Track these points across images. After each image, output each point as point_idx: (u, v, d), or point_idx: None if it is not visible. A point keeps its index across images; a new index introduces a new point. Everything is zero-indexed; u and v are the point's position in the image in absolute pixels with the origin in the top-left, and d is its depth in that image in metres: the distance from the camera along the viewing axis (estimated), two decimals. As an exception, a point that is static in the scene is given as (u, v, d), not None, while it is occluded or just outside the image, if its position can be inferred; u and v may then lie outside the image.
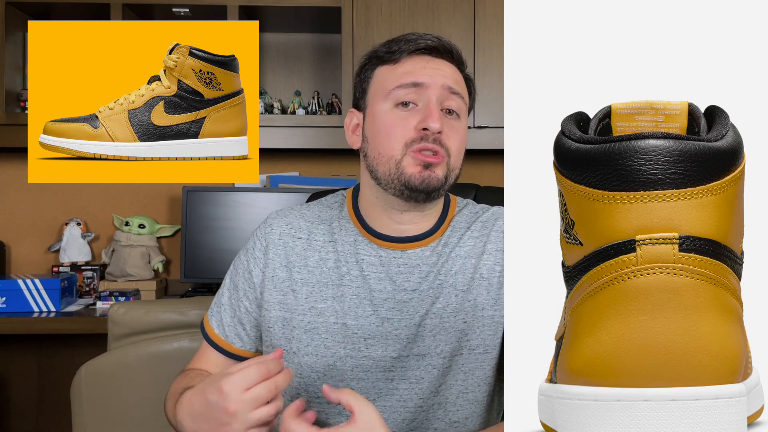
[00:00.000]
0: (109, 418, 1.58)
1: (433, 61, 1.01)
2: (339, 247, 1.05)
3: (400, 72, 1.00)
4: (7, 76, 2.26)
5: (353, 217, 1.06)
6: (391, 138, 0.98)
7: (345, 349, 1.01)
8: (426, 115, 0.97)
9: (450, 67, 1.02)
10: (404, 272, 1.02)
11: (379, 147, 1.00)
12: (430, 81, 0.99)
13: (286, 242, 1.07)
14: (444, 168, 0.98)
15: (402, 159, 0.97)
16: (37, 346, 2.46)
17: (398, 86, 0.99)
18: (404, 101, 0.99)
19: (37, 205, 2.52)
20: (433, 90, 0.99)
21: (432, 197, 1.00)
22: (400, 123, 0.98)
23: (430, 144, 0.97)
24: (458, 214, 1.08)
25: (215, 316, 1.11)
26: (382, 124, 1.00)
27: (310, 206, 1.12)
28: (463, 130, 1.02)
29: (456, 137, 0.99)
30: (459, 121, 1.01)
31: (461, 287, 1.02)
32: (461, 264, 1.03)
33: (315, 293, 1.03)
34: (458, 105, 1.01)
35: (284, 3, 2.28)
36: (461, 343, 1.01)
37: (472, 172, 2.47)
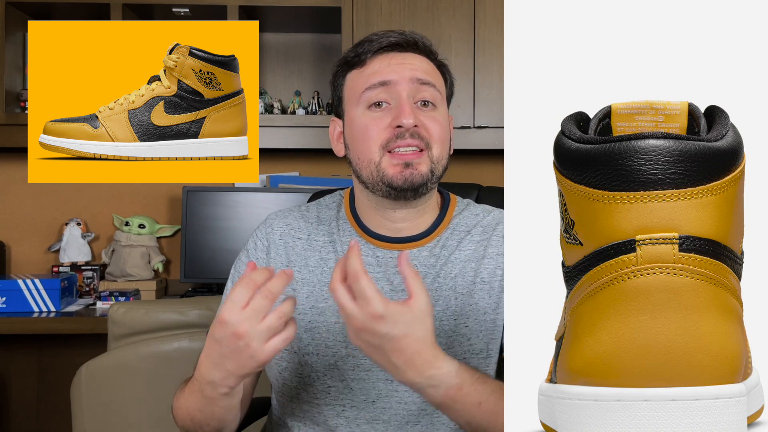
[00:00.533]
0: (109, 418, 1.58)
1: (399, 56, 1.01)
2: (338, 247, 1.05)
3: (367, 73, 1.00)
4: (7, 76, 2.26)
5: (350, 218, 1.06)
6: (368, 141, 0.98)
7: (346, 348, 1.00)
8: (398, 112, 0.97)
9: (418, 58, 1.02)
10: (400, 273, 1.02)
11: (358, 152, 1.00)
12: (398, 77, 0.98)
13: (286, 242, 1.06)
14: (426, 162, 0.97)
15: (381, 161, 0.97)
16: (37, 346, 2.46)
17: (367, 88, 0.99)
18: (376, 102, 0.99)
19: (37, 205, 2.51)
20: (402, 85, 0.98)
21: (420, 193, 0.99)
22: (374, 124, 0.98)
23: (407, 140, 0.96)
24: (458, 216, 1.07)
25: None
26: (358, 128, 1.00)
27: (309, 207, 1.12)
28: (442, 118, 1.01)
29: (435, 127, 0.99)
30: (436, 110, 1.00)
31: (461, 290, 1.01)
32: (461, 268, 1.02)
33: (316, 293, 1.03)
34: (432, 95, 1.00)
35: (284, 3, 2.28)
36: (463, 347, 1.00)
37: (473, 172, 2.47)
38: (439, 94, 1.02)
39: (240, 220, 2.29)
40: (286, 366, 1.03)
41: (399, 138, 0.96)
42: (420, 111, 0.99)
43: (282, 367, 1.04)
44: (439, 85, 1.02)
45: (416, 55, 1.02)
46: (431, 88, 1.00)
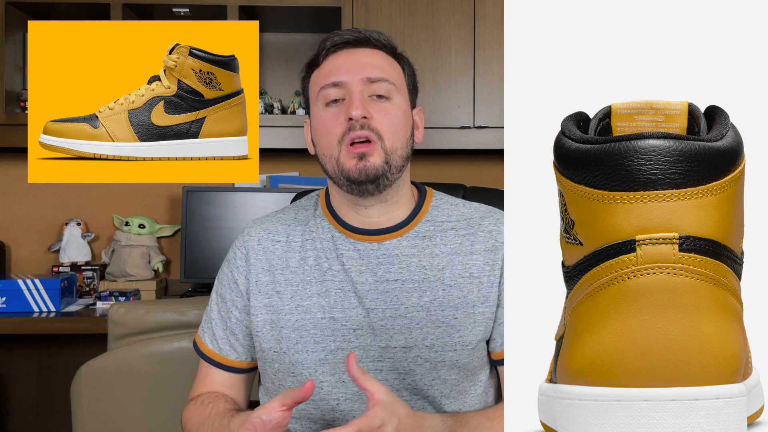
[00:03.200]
0: (109, 418, 1.58)
1: (350, 52, 1.04)
2: (318, 244, 1.06)
3: (323, 73, 1.05)
4: (7, 76, 2.26)
5: (328, 215, 1.08)
6: (328, 137, 1.02)
7: (335, 342, 1.01)
8: (348, 106, 1.00)
9: (372, 54, 1.04)
10: (384, 263, 1.03)
11: (322, 148, 1.04)
12: (349, 78, 1.01)
13: (265, 247, 1.08)
14: (380, 153, 1.00)
15: (339, 155, 1.00)
16: (37, 346, 2.46)
17: (322, 87, 1.03)
18: (333, 99, 1.02)
19: (37, 205, 2.51)
20: (354, 85, 1.01)
21: (381, 184, 1.01)
22: (332, 120, 1.02)
23: (358, 131, 0.99)
24: (436, 208, 1.09)
25: (207, 332, 1.12)
26: (318, 125, 1.04)
27: (286, 210, 1.14)
28: (395, 109, 1.02)
29: (386, 119, 1.01)
30: (390, 102, 1.02)
31: (449, 282, 1.03)
32: (448, 261, 1.04)
33: (300, 292, 1.04)
34: (386, 89, 1.02)
35: (284, 3, 2.28)
36: (454, 338, 1.01)
37: (473, 172, 2.47)
38: (394, 87, 1.03)
39: (240, 220, 2.29)
40: (279, 368, 1.04)
41: (351, 130, 0.99)
42: (372, 103, 1.01)
43: (275, 369, 1.05)
44: (394, 77, 1.04)
45: (369, 50, 1.05)
46: (384, 83, 1.02)
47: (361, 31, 1.05)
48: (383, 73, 1.03)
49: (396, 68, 1.06)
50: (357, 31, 1.05)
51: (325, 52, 1.06)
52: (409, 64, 1.09)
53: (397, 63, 1.07)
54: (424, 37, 2.25)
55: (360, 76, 1.01)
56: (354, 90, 1.01)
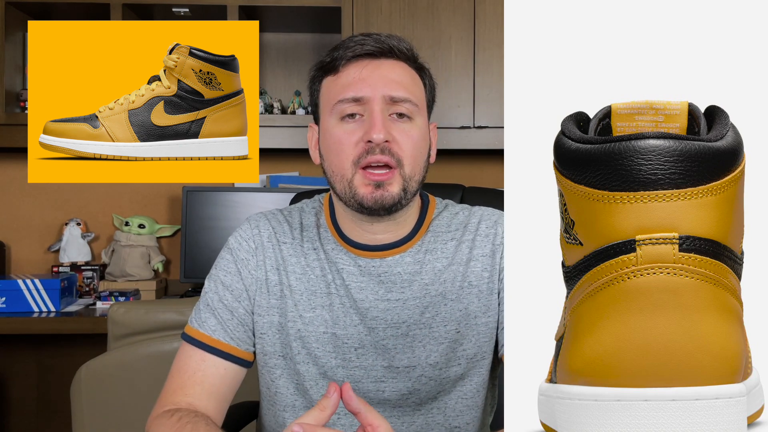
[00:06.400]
0: (109, 418, 1.58)
1: (373, 63, 0.97)
2: (322, 255, 1.02)
3: (341, 84, 0.96)
4: (7, 76, 2.26)
5: (331, 227, 1.03)
6: (341, 156, 0.95)
7: (336, 359, 0.99)
8: (369, 126, 0.93)
9: (395, 66, 0.97)
10: (385, 281, 0.99)
11: (332, 165, 0.97)
12: (371, 93, 0.94)
13: (274, 245, 1.03)
14: (399, 181, 0.94)
15: (353, 178, 0.94)
16: (37, 346, 2.46)
17: (339, 101, 0.95)
18: (350, 113, 0.95)
19: (37, 205, 2.51)
20: (375, 103, 0.94)
21: (394, 211, 0.96)
22: (347, 138, 0.95)
23: (378, 155, 0.93)
24: (438, 217, 1.05)
25: (208, 320, 1.02)
26: (331, 140, 0.97)
27: (292, 212, 1.08)
28: (416, 131, 0.96)
29: (408, 142, 0.95)
30: (412, 122, 0.96)
31: (450, 296, 1.00)
32: (448, 273, 1.00)
33: (303, 301, 1.00)
34: (408, 108, 0.96)
35: (284, 3, 2.28)
36: (456, 352, 1.00)
37: (473, 172, 2.47)
38: (416, 107, 0.97)
39: (240, 220, 2.29)
40: (281, 373, 1.02)
41: (370, 153, 0.93)
42: (393, 124, 0.95)
43: (276, 374, 1.02)
44: (416, 96, 0.98)
45: (392, 62, 0.98)
46: (407, 104, 0.96)
47: (384, 40, 0.97)
48: (407, 93, 0.96)
49: (418, 84, 1.00)
50: (380, 41, 0.97)
51: (346, 61, 0.97)
52: (430, 77, 1.03)
53: (419, 77, 1.00)
54: (424, 37, 2.25)
55: (382, 93, 0.94)
56: (375, 109, 0.94)
